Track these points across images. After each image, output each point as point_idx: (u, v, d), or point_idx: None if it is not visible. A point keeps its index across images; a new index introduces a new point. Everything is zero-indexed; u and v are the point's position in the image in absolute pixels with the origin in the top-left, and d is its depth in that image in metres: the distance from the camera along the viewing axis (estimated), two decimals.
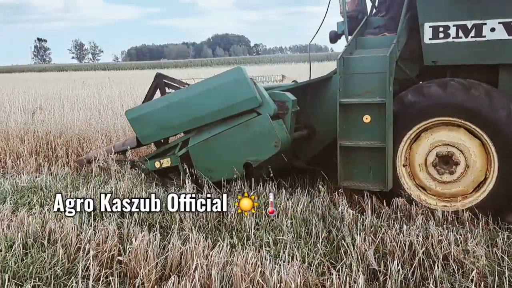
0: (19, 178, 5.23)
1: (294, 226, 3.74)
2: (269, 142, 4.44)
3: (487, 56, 4.10)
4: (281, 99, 4.63)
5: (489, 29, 4.00)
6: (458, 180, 4.12)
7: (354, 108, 4.25)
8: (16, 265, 3.03)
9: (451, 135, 4.10)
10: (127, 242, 3.41)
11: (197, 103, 4.75)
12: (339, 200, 4.22)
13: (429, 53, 4.28)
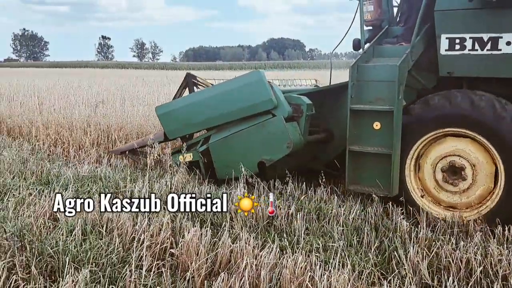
0: (81, 168, 5.49)
1: (345, 233, 3.69)
2: (282, 142, 4.65)
3: (502, 70, 4.09)
4: (297, 102, 4.83)
5: (505, 43, 4.00)
6: (466, 190, 4.14)
7: (364, 115, 4.35)
8: (76, 249, 3.16)
9: (459, 146, 4.13)
10: (179, 236, 3.49)
11: (218, 102, 5.02)
12: (392, 211, 4.13)
13: (444, 64, 4.30)
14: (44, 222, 3.67)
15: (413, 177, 4.39)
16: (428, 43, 4.48)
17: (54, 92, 11.57)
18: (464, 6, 4.11)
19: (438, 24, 4.28)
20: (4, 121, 8.40)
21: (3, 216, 3.78)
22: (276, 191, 4.68)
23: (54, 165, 5.66)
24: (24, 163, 5.66)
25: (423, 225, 3.82)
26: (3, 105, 9.55)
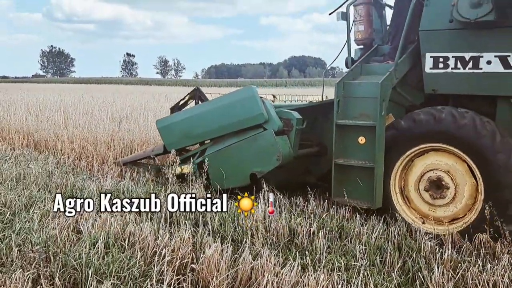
0: (104, 182, 5.56)
1: (368, 252, 3.63)
2: (272, 155, 4.83)
3: (483, 88, 4.23)
4: (287, 117, 5.02)
5: (485, 62, 4.15)
6: (448, 204, 4.26)
7: (350, 129, 4.53)
8: (98, 262, 3.19)
9: (442, 161, 4.26)
10: (200, 251, 3.49)
11: (214, 116, 5.28)
12: (416, 230, 4.06)
13: (429, 82, 4.47)
14: (68, 234, 3.72)
15: (398, 190, 4.51)
16: (415, 62, 4.64)
17: (79, 107, 11.81)
18: (446, 27, 4.27)
19: (422, 43, 4.46)
20: (31, 135, 8.60)
21: (29, 228, 3.85)
22: (298, 208, 4.66)
23: (78, 179, 5.75)
24: (50, 176, 5.78)
25: (448, 246, 3.74)
26: (30, 120, 9.78)
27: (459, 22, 4.12)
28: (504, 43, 4.09)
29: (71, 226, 3.95)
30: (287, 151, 4.89)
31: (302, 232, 3.91)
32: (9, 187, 5.11)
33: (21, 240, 3.59)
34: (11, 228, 3.88)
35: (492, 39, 4.13)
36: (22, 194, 4.83)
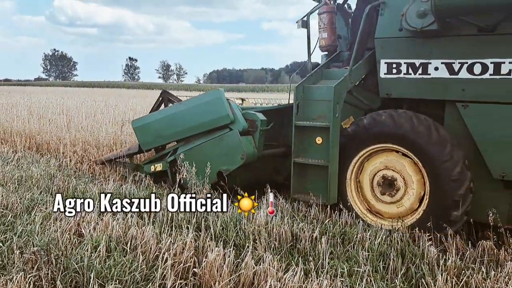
0: (106, 185, 5.55)
1: (370, 258, 3.61)
2: (237, 154, 5.08)
3: (431, 92, 4.51)
4: (252, 118, 5.27)
5: (433, 68, 4.42)
6: (399, 201, 4.53)
7: (307, 130, 4.79)
8: (100, 266, 3.18)
9: (392, 160, 4.55)
10: (202, 255, 3.47)
11: (184, 117, 5.55)
12: (419, 237, 4.04)
13: (384, 86, 4.75)
14: (70, 237, 3.70)
15: (353, 187, 4.77)
16: (372, 67, 4.89)
17: (82, 111, 11.83)
18: (397, 35, 4.56)
19: (377, 50, 4.74)
20: (34, 137, 8.61)
21: (31, 231, 3.84)
22: (300, 213, 4.64)
23: (80, 182, 5.75)
24: (51, 179, 5.76)
25: (451, 252, 3.72)
26: (32, 122, 9.79)
27: (408, 31, 4.42)
28: (449, 51, 4.35)
29: (73, 229, 3.93)
30: (251, 150, 5.14)
31: (305, 237, 3.89)
32: (10, 190, 5.10)
33: (23, 243, 3.58)
34: (13, 231, 3.87)
35: (439, 47, 4.39)
36: (24, 196, 4.82)
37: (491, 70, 4.15)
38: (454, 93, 4.36)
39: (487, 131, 4.22)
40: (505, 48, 4.10)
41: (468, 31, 4.23)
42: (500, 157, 4.16)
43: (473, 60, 4.22)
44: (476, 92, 4.24)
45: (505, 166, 4.15)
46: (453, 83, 4.33)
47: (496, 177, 4.20)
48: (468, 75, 4.25)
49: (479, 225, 4.36)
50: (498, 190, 4.30)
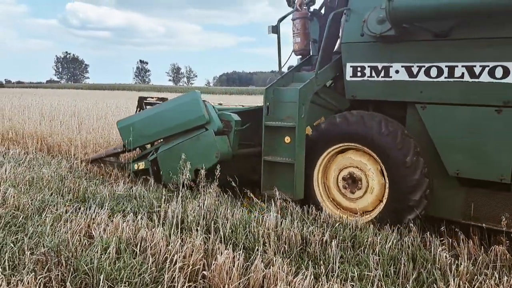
0: (117, 187, 5.57)
1: (381, 263, 3.57)
2: (211, 153, 5.33)
3: (393, 94, 4.73)
4: (227, 119, 5.53)
5: (394, 71, 4.65)
6: (362, 196, 4.77)
7: (277, 130, 5.04)
8: (110, 267, 3.18)
9: (356, 158, 4.78)
10: (211, 258, 3.46)
11: (163, 117, 5.83)
12: (431, 241, 3.99)
13: (349, 88, 4.99)
14: (80, 239, 3.71)
15: (321, 184, 5.03)
16: (340, 70, 5.13)
17: (93, 113, 11.91)
18: (361, 40, 4.78)
19: (343, 54, 4.99)
20: (45, 139, 8.68)
21: (41, 232, 3.86)
22: (310, 217, 4.62)
23: (91, 183, 5.78)
24: (62, 181, 5.80)
25: (464, 257, 3.67)
26: (44, 124, 9.88)
27: (369, 36, 4.65)
28: (408, 55, 4.57)
29: (83, 231, 3.95)
30: (226, 149, 5.40)
31: (315, 240, 3.87)
32: (22, 191, 5.14)
33: (34, 244, 3.59)
34: (24, 232, 3.90)
35: (399, 51, 4.62)
36: (35, 198, 4.85)
37: (446, 73, 4.38)
38: (413, 95, 4.59)
39: (443, 131, 4.44)
40: (458, 53, 4.32)
41: (424, 37, 4.46)
42: (455, 156, 4.38)
43: (430, 64, 4.45)
44: (432, 94, 4.47)
45: (459, 164, 4.36)
46: (412, 85, 4.56)
47: (451, 175, 4.42)
48: (425, 78, 4.48)
49: (492, 231, 4.31)
50: (455, 187, 4.51)
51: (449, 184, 4.52)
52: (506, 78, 4.08)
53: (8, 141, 8.86)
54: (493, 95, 4.15)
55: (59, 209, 4.52)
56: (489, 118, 4.18)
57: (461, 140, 4.33)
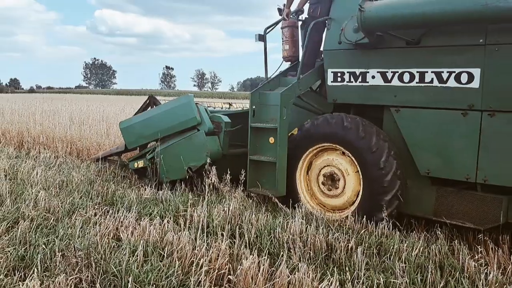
0: (143, 190, 5.67)
1: (407, 270, 3.53)
2: (202, 152, 5.67)
3: (370, 98, 4.98)
4: (218, 120, 5.91)
5: (371, 76, 4.91)
6: (341, 194, 5.04)
7: (262, 131, 5.38)
8: (138, 270, 3.24)
9: (335, 158, 5.06)
10: (236, 263, 3.48)
11: (160, 119, 6.20)
12: (459, 249, 3.93)
13: (331, 93, 5.32)
14: (109, 241, 3.79)
15: (303, 182, 5.31)
16: (323, 76, 5.44)
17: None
18: (340, 47, 5.09)
19: (325, 61, 5.32)
20: (75, 143, 8.89)
21: (71, 234, 3.96)
22: (335, 223, 4.59)
23: (118, 187, 5.90)
24: (91, 184, 5.94)
25: (492, 266, 3.59)
26: (73, 129, 10.12)
27: (346, 44, 4.97)
28: (383, 61, 4.82)
29: (111, 234, 4.03)
30: (216, 149, 5.78)
31: (340, 247, 3.85)
32: (53, 194, 5.28)
33: (64, 246, 3.69)
34: (55, 234, 4.01)
35: (375, 58, 4.88)
36: (65, 200, 4.98)
37: (417, 79, 4.61)
38: (388, 99, 4.84)
39: (415, 133, 4.68)
40: (427, 59, 4.55)
41: (397, 44, 4.71)
42: (425, 156, 4.62)
43: (403, 69, 4.70)
44: (405, 98, 4.71)
45: (429, 164, 4.59)
46: (387, 90, 4.82)
47: (423, 174, 4.65)
48: (399, 83, 4.73)
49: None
50: (427, 186, 4.72)
51: (421, 183, 4.75)
52: (470, 84, 4.30)
53: (39, 145, 9.10)
54: (459, 99, 4.37)
55: (88, 212, 4.63)
56: (456, 121, 4.41)
57: (430, 141, 4.57)
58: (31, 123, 10.64)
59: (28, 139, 9.51)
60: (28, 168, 6.44)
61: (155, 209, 4.87)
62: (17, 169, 6.42)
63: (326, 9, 5.40)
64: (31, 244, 3.70)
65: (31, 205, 4.68)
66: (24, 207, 4.58)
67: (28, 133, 9.91)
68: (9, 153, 8.10)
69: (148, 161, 6.21)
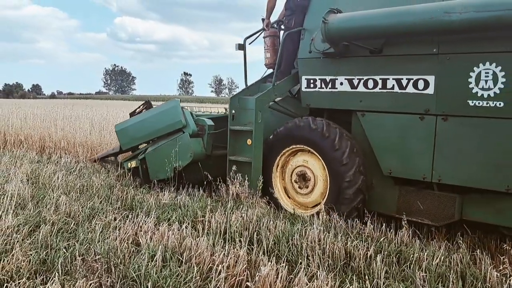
0: (162, 196, 5.71)
1: (428, 280, 3.47)
2: (187, 153, 6.08)
3: (338, 103, 5.37)
4: (202, 123, 6.33)
5: (339, 83, 5.29)
6: (311, 192, 5.43)
7: (240, 133, 5.80)
8: (156, 275, 3.26)
9: (305, 159, 5.48)
10: (254, 270, 3.48)
11: (150, 122, 6.64)
12: (481, 259, 3.85)
13: (305, 98, 5.71)
14: (128, 246, 3.82)
15: (279, 181, 5.71)
16: (298, 82, 5.82)
17: None
18: (311, 56, 5.46)
19: (299, 68, 5.72)
20: (95, 148, 9.01)
21: (91, 238, 4.00)
22: (354, 231, 4.55)
23: (137, 192, 5.95)
24: (111, 189, 6.01)
25: None
26: (94, 134, 10.26)
27: (315, 53, 5.35)
28: (350, 69, 5.18)
29: (131, 238, 4.06)
30: (200, 150, 6.17)
31: (359, 255, 3.81)
32: (73, 198, 5.35)
33: (84, 250, 3.73)
34: (75, 238, 4.06)
35: (343, 65, 5.25)
36: (85, 205, 5.04)
37: (380, 85, 4.96)
38: (354, 104, 5.19)
39: (378, 136, 5.03)
40: (389, 67, 4.89)
41: (362, 53, 5.06)
42: (387, 157, 4.96)
43: (367, 76, 5.05)
44: (370, 103, 5.06)
45: (391, 165, 4.93)
46: (354, 95, 5.18)
47: (385, 174, 4.98)
48: (364, 89, 5.08)
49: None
50: (390, 185, 5.05)
51: (386, 183, 5.09)
52: (426, 90, 4.63)
53: (60, 150, 9.26)
54: (417, 104, 4.70)
55: (108, 217, 4.68)
56: (414, 124, 4.74)
57: (392, 143, 4.92)
58: (53, 129, 10.82)
59: (49, 144, 9.67)
60: (50, 173, 6.55)
61: (174, 214, 4.89)
62: (39, 174, 6.52)
63: (300, 21, 5.77)
64: (52, 248, 3.75)
65: (52, 209, 4.75)
66: (45, 211, 4.66)
67: (49, 138, 10.08)
68: (31, 158, 8.24)
69: (139, 161, 6.65)
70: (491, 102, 4.22)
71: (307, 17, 5.68)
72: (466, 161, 4.42)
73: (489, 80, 4.22)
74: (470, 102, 4.33)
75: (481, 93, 4.26)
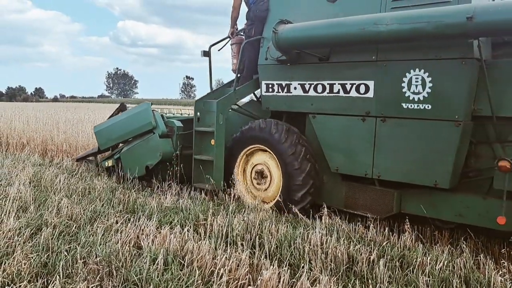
0: (164, 199, 5.69)
1: (431, 284, 3.45)
2: (156, 152, 6.56)
3: (293, 106, 5.82)
4: (171, 125, 6.77)
5: (293, 87, 5.73)
6: (268, 188, 5.92)
7: (204, 134, 6.28)
8: (158, 278, 3.24)
9: (262, 157, 5.97)
10: (256, 273, 3.45)
11: (124, 124, 7.18)
12: (485, 264, 3.82)
13: (264, 102, 6.16)
14: (129, 249, 3.80)
15: (241, 178, 6.16)
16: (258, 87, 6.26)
17: None
18: (269, 62, 5.91)
19: (260, 74, 6.14)
20: None
21: (93, 242, 3.98)
22: (357, 235, 4.53)
23: (139, 195, 5.93)
24: (113, 192, 6.00)
25: None
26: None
27: (271, 60, 5.81)
28: (302, 75, 5.62)
29: (132, 241, 4.04)
30: (169, 149, 6.60)
31: (362, 259, 3.78)
32: (75, 201, 5.34)
33: (86, 253, 3.71)
34: (77, 241, 4.04)
35: (296, 71, 5.68)
36: (87, 208, 5.03)
37: (328, 90, 5.38)
38: (306, 107, 5.63)
39: (326, 136, 5.46)
40: (335, 73, 5.30)
41: (312, 60, 5.50)
42: (334, 155, 5.38)
43: (317, 82, 5.47)
44: (319, 106, 5.49)
45: (337, 162, 5.36)
46: (306, 99, 5.61)
47: (333, 171, 5.40)
48: (314, 93, 5.51)
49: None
50: (338, 181, 5.51)
51: (335, 179, 5.54)
52: (367, 94, 5.02)
53: (62, 152, 9.27)
54: (359, 107, 5.10)
55: (110, 220, 4.66)
56: (356, 125, 5.14)
57: (338, 143, 5.34)
58: (55, 132, 10.84)
59: (51, 147, 9.70)
60: (52, 176, 6.55)
61: (176, 217, 4.87)
62: (41, 176, 6.52)
63: (259, 30, 6.20)
64: (53, 251, 3.73)
65: (54, 212, 4.74)
66: (47, 214, 4.64)
67: (52, 141, 10.10)
68: (33, 161, 8.25)
69: (115, 161, 7.19)
70: (420, 105, 4.61)
71: (265, 27, 6.09)
72: (402, 159, 4.79)
73: (419, 85, 4.61)
74: (404, 105, 4.71)
75: (412, 96, 4.65)
